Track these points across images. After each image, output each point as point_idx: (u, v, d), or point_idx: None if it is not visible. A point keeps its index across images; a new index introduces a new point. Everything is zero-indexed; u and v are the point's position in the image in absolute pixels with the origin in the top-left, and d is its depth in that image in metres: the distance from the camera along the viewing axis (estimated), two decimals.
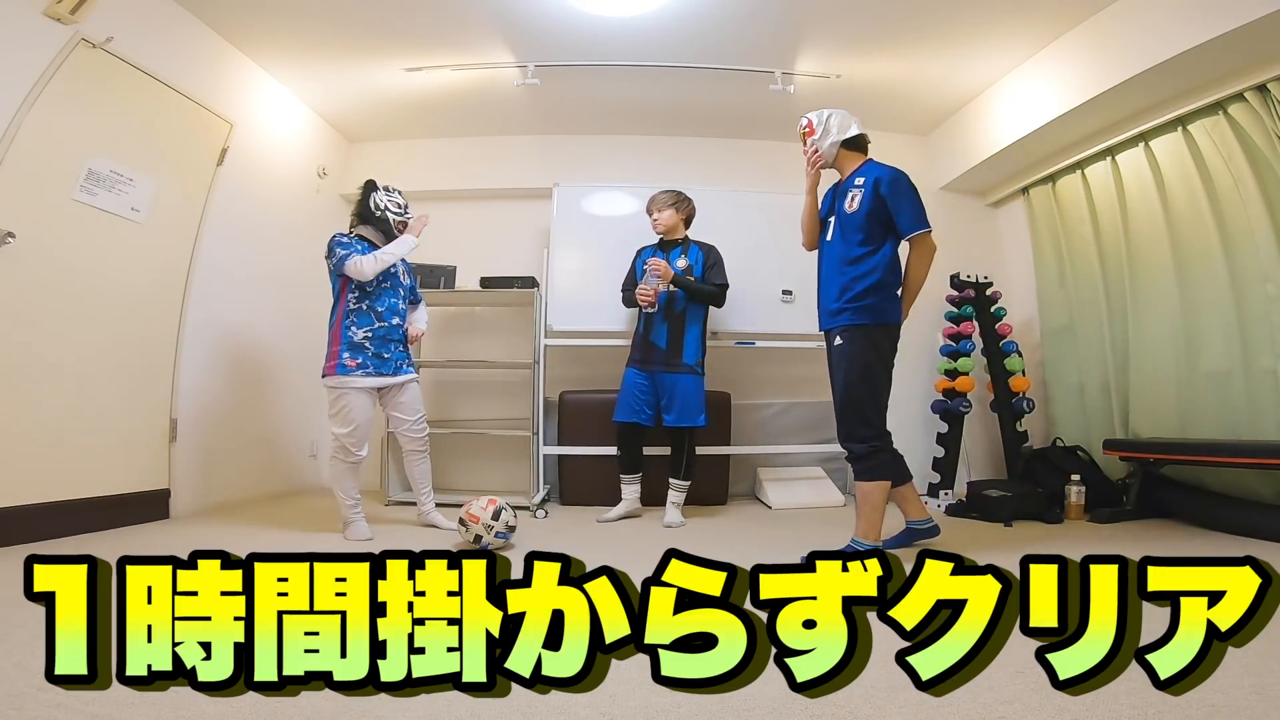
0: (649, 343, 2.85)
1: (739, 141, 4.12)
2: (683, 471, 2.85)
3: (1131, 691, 1.02)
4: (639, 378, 2.84)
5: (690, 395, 2.80)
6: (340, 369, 2.38)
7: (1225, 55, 2.44)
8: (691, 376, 2.82)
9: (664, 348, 2.82)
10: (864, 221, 2.10)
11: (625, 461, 2.89)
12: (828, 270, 2.22)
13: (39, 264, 2.20)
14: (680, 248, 2.94)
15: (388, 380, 2.47)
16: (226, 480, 3.09)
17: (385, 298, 2.48)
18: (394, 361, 2.49)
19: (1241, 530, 2.40)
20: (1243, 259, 2.62)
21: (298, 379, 3.71)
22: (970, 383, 3.39)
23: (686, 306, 2.86)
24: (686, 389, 2.80)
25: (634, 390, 2.83)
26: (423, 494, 2.67)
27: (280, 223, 3.51)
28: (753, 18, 2.90)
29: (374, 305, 2.45)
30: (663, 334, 2.84)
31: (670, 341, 2.82)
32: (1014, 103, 3.31)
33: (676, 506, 2.84)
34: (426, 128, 3.97)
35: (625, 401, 2.85)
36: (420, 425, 2.61)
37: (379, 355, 2.44)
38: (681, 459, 2.86)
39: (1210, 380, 2.73)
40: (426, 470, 2.67)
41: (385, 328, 2.46)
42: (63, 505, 2.25)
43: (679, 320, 2.84)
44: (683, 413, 2.79)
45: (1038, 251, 3.71)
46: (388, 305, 2.48)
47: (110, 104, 2.44)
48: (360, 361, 2.40)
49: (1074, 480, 2.87)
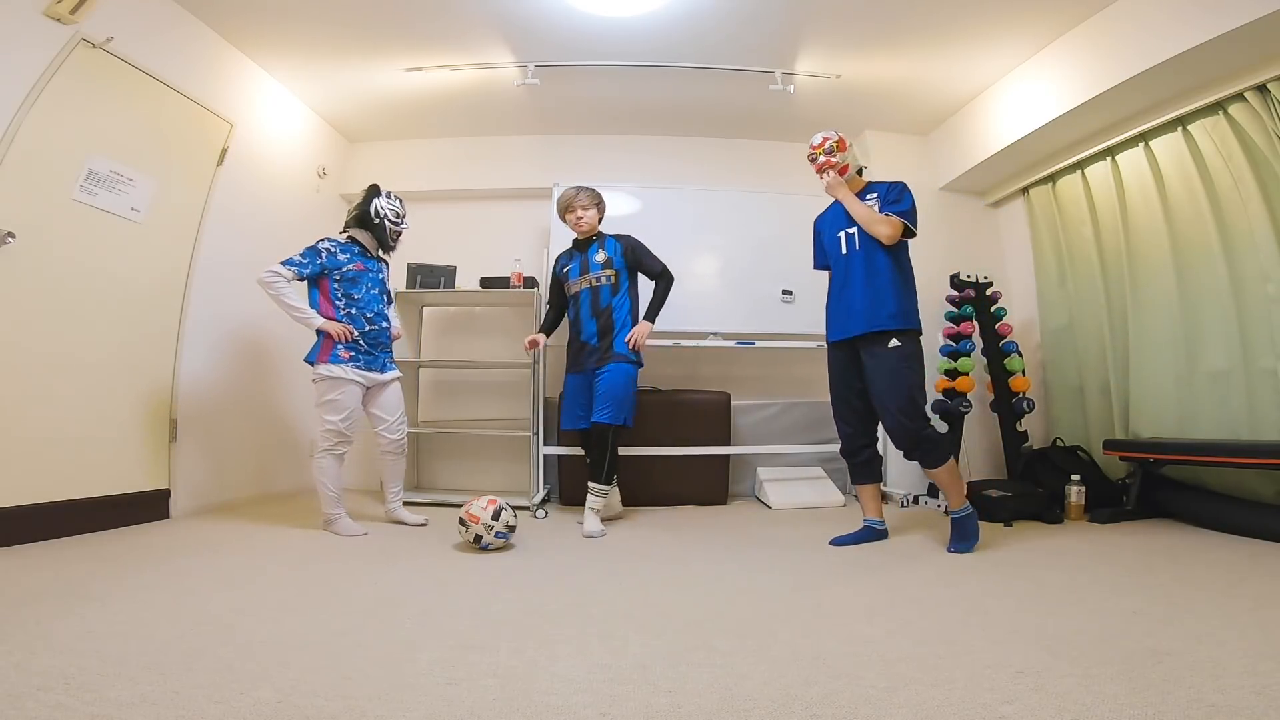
0: (580, 344, 2.82)
1: (739, 141, 4.12)
2: (604, 474, 2.62)
3: (1132, 691, 1.03)
4: (576, 382, 2.83)
5: (616, 385, 2.65)
6: (334, 358, 2.47)
7: (1225, 55, 2.44)
8: (623, 365, 2.69)
9: (595, 345, 2.77)
10: None
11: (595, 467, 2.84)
12: (853, 277, 2.34)
13: (39, 264, 2.20)
14: (596, 243, 2.87)
15: (376, 377, 2.58)
16: (226, 480, 3.09)
17: (372, 304, 2.58)
18: (380, 360, 2.61)
19: (1241, 530, 2.40)
20: (1243, 259, 2.62)
21: (298, 379, 3.71)
22: (970, 383, 3.39)
23: (612, 300, 2.79)
24: (613, 379, 2.65)
25: (574, 397, 2.82)
26: (392, 491, 2.73)
27: (280, 223, 3.51)
28: (753, 18, 2.90)
29: (364, 310, 2.55)
30: (592, 330, 2.77)
31: (601, 337, 2.76)
32: (1014, 103, 3.31)
33: (595, 513, 2.62)
34: (426, 128, 3.97)
35: (567, 409, 2.85)
36: (400, 425, 2.68)
37: (369, 353, 2.56)
38: (603, 459, 2.62)
39: (1210, 380, 2.73)
40: (399, 470, 2.73)
41: (375, 330, 2.58)
42: (63, 505, 2.25)
43: (606, 314, 2.79)
44: (603, 406, 2.62)
45: (1038, 251, 3.72)
46: (376, 311, 2.60)
47: (110, 104, 2.44)
48: (352, 355, 2.51)
49: (1074, 480, 2.87)
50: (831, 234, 2.46)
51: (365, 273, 2.58)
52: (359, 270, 2.56)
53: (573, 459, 3.32)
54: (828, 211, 2.55)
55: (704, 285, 3.55)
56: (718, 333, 3.49)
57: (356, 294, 2.53)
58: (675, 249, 3.37)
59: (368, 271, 2.59)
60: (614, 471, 2.71)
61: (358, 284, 2.55)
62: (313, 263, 2.49)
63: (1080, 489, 2.85)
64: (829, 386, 2.50)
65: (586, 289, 2.81)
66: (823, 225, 2.56)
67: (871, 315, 2.28)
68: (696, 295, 3.50)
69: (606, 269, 2.80)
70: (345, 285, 2.54)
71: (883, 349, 2.25)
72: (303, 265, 2.48)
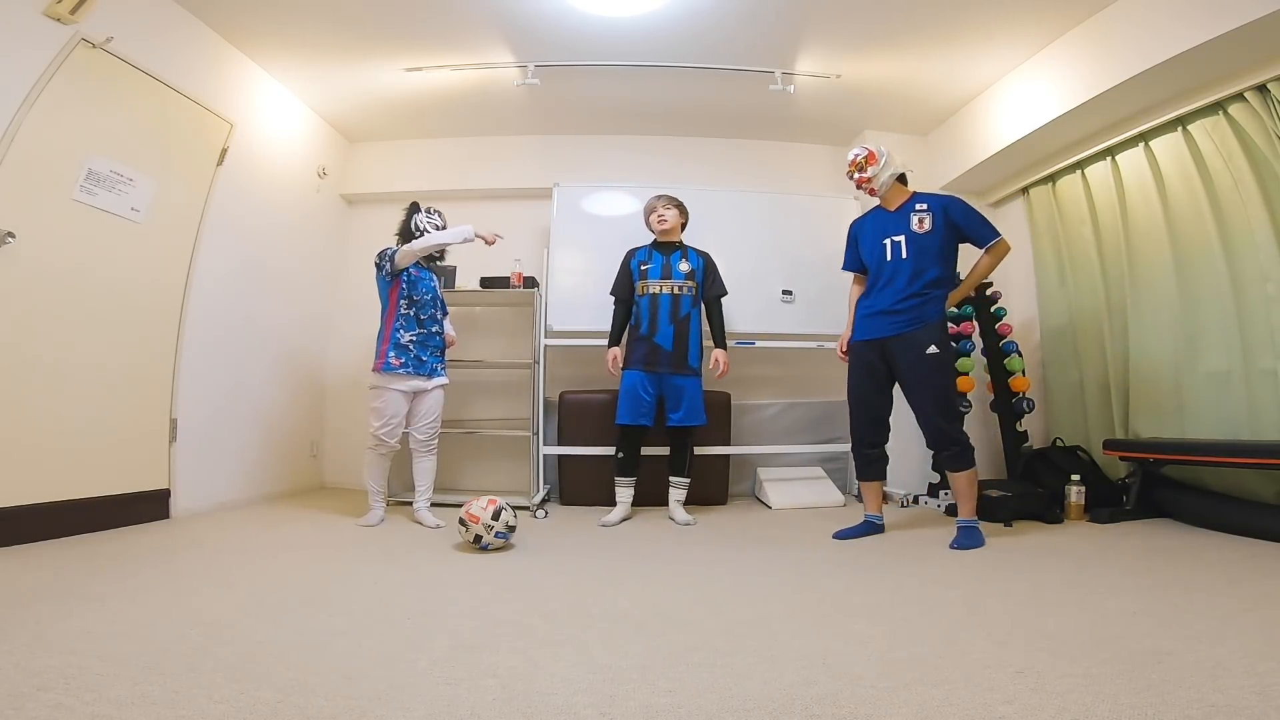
0: (653, 344, 2.84)
1: (739, 141, 4.12)
2: (686, 469, 2.91)
3: (1132, 691, 1.03)
4: (643, 379, 2.83)
5: (696, 396, 2.86)
6: (386, 367, 2.63)
7: (1225, 55, 2.44)
8: (696, 379, 2.87)
9: (670, 350, 2.83)
10: (939, 240, 2.40)
11: (625, 464, 2.89)
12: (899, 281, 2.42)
13: (39, 264, 2.20)
14: (679, 251, 2.94)
15: (422, 384, 2.71)
16: (226, 480, 3.09)
17: (428, 308, 2.75)
18: (430, 365, 2.74)
19: (1241, 530, 2.40)
20: (1243, 259, 2.62)
21: (298, 379, 3.71)
22: (970, 383, 3.39)
23: (691, 311, 2.88)
24: (694, 391, 2.85)
25: (638, 393, 2.83)
26: (419, 490, 2.76)
27: (280, 223, 3.51)
28: (753, 18, 2.90)
29: (419, 314, 2.72)
30: (669, 337, 2.84)
31: (676, 345, 2.84)
32: (1014, 103, 3.31)
33: (681, 505, 2.89)
34: (426, 128, 3.97)
35: (629, 404, 2.84)
36: (429, 427, 2.76)
37: (419, 358, 2.69)
38: (685, 457, 2.91)
39: (1210, 380, 2.73)
40: (427, 469, 2.78)
41: (425, 334, 2.73)
42: (63, 505, 2.25)
43: (684, 324, 2.86)
44: (690, 413, 2.84)
45: (1038, 251, 3.71)
46: (429, 315, 2.76)
47: (110, 104, 2.44)
48: (403, 361, 2.65)
49: (1074, 480, 2.87)
50: (875, 240, 2.53)
51: (421, 279, 2.75)
52: (417, 276, 2.74)
53: (573, 459, 3.32)
54: (868, 217, 2.63)
55: None
56: None
57: (418, 296, 2.71)
58: None
59: (423, 279, 2.76)
60: (693, 465, 2.96)
61: (418, 287, 2.72)
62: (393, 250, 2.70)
63: (1080, 489, 2.85)
64: (847, 385, 2.57)
65: (668, 294, 2.87)
66: (863, 231, 2.62)
67: (913, 319, 2.38)
68: None
69: (689, 280, 2.89)
70: (409, 287, 2.70)
71: (921, 354, 2.35)
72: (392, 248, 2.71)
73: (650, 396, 2.83)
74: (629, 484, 2.89)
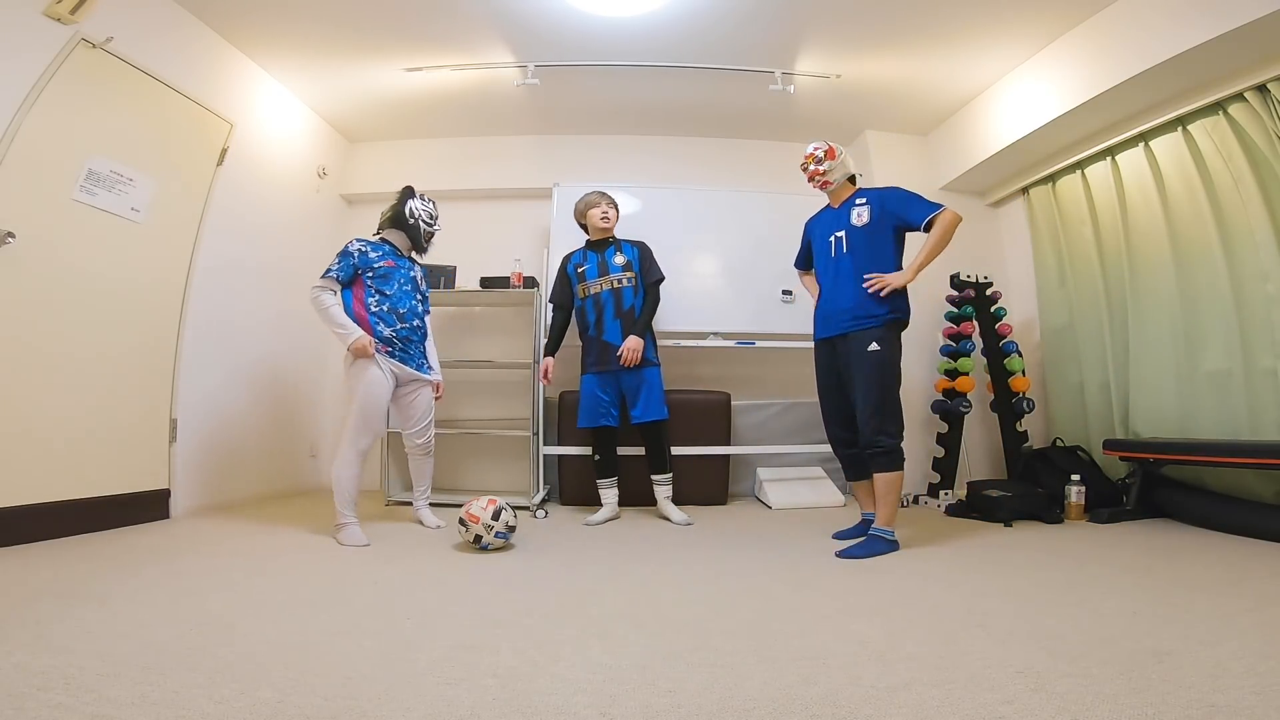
0: (603, 343, 2.83)
1: (739, 141, 4.12)
2: (666, 464, 2.88)
3: (1132, 691, 1.02)
4: (598, 383, 2.84)
5: (655, 388, 2.82)
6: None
7: (1225, 55, 2.44)
8: (652, 369, 2.84)
9: (619, 345, 2.79)
10: (877, 231, 2.34)
11: (603, 465, 2.90)
12: (842, 279, 2.39)
13: (39, 264, 2.20)
14: (613, 246, 2.92)
15: (411, 372, 2.57)
16: (226, 480, 3.08)
17: (404, 300, 2.57)
18: (416, 359, 2.61)
19: (1241, 530, 2.40)
20: (1243, 259, 2.62)
21: (298, 379, 3.71)
22: (970, 383, 3.39)
23: (634, 302, 2.85)
24: (651, 383, 2.82)
25: (595, 396, 2.84)
26: (419, 490, 2.74)
27: (280, 222, 3.51)
28: (753, 18, 2.90)
29: (395, 306, 2.53)
30: (616, 332, 2.81)
31: (625, 337, 2.80)
32: (1014, 103, 3.31)
33: (670, 502, 2.87)
34: (426, 128, 3.97)
35: (588, 409, 2.85)
36: (428, 429, 2.70)
37: (405, 351, 2.56)
38: (661, 453, 2.87)
39: (1210, 380, 2.73)
40: (424, 470, 2.75)
41: (408, 329, 2.57)
42: (63, 505, 2.25)
43: (629, 316, 2.83)
44: (648, 406, 2.80)
45: (1038, 251, 3.71)
46: (409, 307, 2.58)
47: (110, 104, 2.44)
48: (390, 350, 2.51)
49: (1074, 480, 2.87)
50: (822, 238, 2.51)
51: (396, 270, 2.59)
52: (390, 267, 2.57)
53: (573, 459, 3.32)
54: (820, 215, 2.60)
55: (704, 285, 3.55)
56: (718, 333, 3.49)
57: (388, 290, 2.54)
58: (675, 249, 3.38)
59: (399, 269, 2.60)
60: (671, 459, 2.92)
61: (389, 280, 2.55)
62: (346, 265, 2.50)
63: (1080, 489, 2.85)
64: (816, 384, 2.54)
65: (609, 290, 2.85)
66: (814, 228, 2.62)
67: (857, 315, 2.33)
68: (696, 295, 3.50)
69: (627, 271, 2.86)
70: (378, 281, 2.53)
71: (862, 351, 2.30)
72: (340, 269, 2.49)
73: (609, 397, 2.84)
74: (611, 484, 2.90)
